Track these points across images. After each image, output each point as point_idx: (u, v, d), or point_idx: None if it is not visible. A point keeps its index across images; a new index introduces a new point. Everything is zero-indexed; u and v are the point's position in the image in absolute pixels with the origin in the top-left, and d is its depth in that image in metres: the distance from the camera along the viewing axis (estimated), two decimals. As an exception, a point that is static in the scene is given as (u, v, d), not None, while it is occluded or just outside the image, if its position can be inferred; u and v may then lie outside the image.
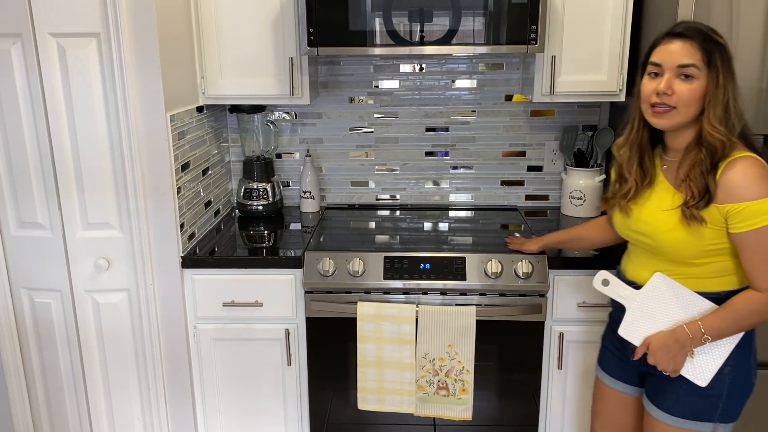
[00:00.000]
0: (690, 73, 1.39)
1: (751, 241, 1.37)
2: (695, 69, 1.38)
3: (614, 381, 1.72)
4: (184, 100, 2.11)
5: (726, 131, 1.38)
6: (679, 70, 1.40)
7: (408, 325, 1.98)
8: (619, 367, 1.70)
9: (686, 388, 1.51)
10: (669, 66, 1.41)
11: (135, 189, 1.94)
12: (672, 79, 1.41)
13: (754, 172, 1.36)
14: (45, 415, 2.18)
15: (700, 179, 1.40)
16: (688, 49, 1.39)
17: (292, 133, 2.64)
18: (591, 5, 2.09)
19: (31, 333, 2.11)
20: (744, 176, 1.36)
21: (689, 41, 1.39)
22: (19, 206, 1.99)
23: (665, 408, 1.54)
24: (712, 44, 1.39)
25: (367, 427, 2.17)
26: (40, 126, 1.90)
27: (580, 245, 1.98)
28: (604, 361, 1.75)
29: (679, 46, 1.40)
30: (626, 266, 1.66)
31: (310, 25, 2.01)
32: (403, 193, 2.69)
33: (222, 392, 2.20)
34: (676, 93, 1.40)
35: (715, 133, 1.38)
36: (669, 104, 1.41)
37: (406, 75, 2.56)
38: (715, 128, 1.38)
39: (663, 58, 1.42)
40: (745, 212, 1.36)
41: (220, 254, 2.12)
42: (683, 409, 1.51)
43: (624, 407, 1.72)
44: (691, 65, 1.38)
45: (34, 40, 1.83)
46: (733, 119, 1.39)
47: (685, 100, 1.40)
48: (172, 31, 1.99)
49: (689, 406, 1.51)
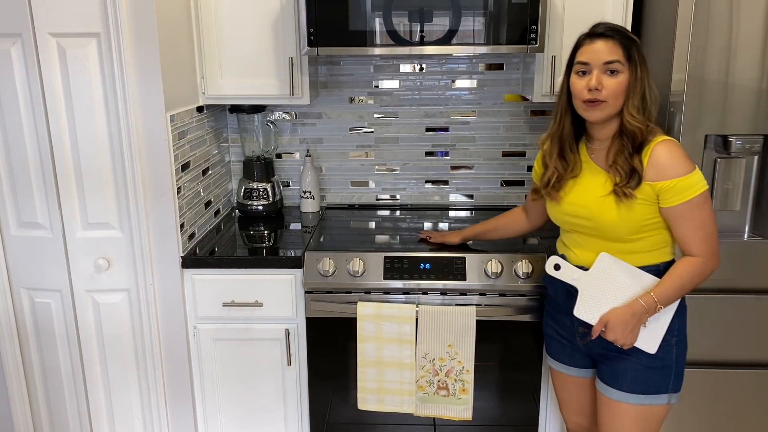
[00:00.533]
0: (615, 68, 1.53)
1: (684, 212, 1.53)
2: (619, 64, 1.53)
3: (567, 368, 1.81)
4: (184, 100, 2.11)
5: (643, 119, 1.54)
6: (606, 67, 1.54)
7: (408, 325, 1.98)
8: (567, 352, 1.79)
9: (642, 365, 1.60)
10: (596, 64, 1.54)
11: (135, 189, 1.94)
12: (600, 75, 1.54)
13: (677, 152, 1.54)
14: (45, 415, 2.18)
15: (625, 163, 1.55)
16: (611, 47, 1.54)
17: (292, 133, 2.64)
18: (591, 5, 2.10)
19: (31, 333, 2.10)
20: (670, 156, 1.52)
21: (611, 40, 1.54)
22: (19, 206, 1.99)
23: (625, 388, 1.63)
24: (629, 41, 1.54)
25: (367, 427, 2.17)
26: (40, 126, 1.90)
27: (499, 234, 2.06)
28: (553, 349, 1.85)
29: (603, 45, 1.54)
30: (566, 252, 1.74)
31: (310, 25, 2.01)
32: (403, 193, 2.69)
33: (222, 392, 2.20)
34: (606, 87, 1.53)
35: (634, 121, 1.54)
36: (599, 99, 1.54)
37: (406, 75, 2.56)
38: (633, 117, 1.54)
39: (590, 57, 1.55)
40: (676, 187, 1.51)
41: (220, 254, 2.12)
42: (642, 385, 1.61)
43: (583, 390, 1.81)
44: (616, 61, 1.53)
45: (34, 40, 1.83)
46: (650, 107, 1.56)
47: (614, 93, 1.54)
48: (172, 31, 1.99)
49: (647, 381, 1.61)
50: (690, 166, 1.53)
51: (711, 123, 1.88)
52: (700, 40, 1.82)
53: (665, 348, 1.60)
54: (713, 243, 1.56)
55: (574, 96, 1.60)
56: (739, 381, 2.03)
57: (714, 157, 1.96)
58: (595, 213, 1.60)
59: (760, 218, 2.02)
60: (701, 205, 1.53)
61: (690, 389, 1.70)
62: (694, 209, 1.52)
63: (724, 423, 2.08)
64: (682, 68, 1.84)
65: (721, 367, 2.03)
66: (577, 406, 1.85)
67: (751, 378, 2.03)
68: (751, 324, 1.99)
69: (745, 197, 2.01)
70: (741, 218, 2.04)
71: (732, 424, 2.08)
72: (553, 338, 1.82)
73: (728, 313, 1.98)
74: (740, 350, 2.01)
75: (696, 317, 1.64)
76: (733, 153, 1.92)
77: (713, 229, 1.56)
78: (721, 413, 2.07)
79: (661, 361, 1.59)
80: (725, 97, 1.86)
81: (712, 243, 1.56)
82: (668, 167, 1.51)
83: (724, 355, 2.02)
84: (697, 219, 1.53)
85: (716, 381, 2.03)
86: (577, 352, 1.76)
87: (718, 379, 2.03)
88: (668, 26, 1.88)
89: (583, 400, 1.83)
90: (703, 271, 1.56)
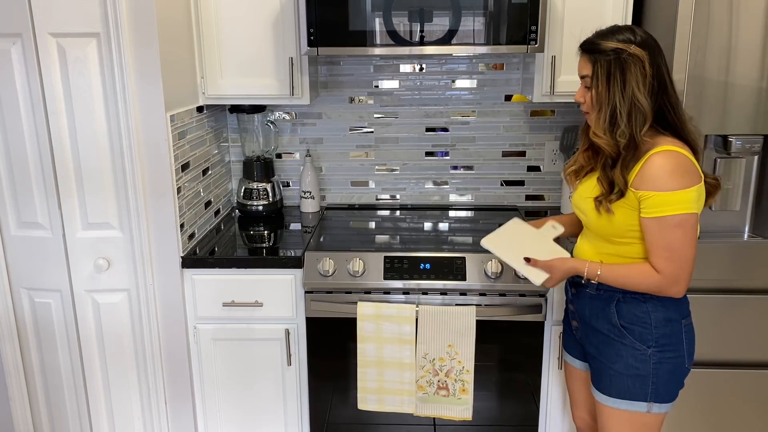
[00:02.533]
0: (587, 84, 1.54)
1: (653, 227, 1.47)
2: (588, 79, 1.53)
3: (571, 358, 1.84)
4: (184, 100, 2.11)
5: (609, 137, 1.49)
6: (583, 81, 1.56)
7: (408, 325, 1.98)
8: (571, 342, 1.82)
9: (614, 370, 1.60)
10: (579, 78, 1.57)
11: (135, 189, 1.94)
12: (582, 89, 1.57)
13: (670, 165, 1.45)
14: (45, 415, 2.18)
15: (604, 175, 1.54)
16: (583, 62, 1.54)
17: (292, 133, 2.64)
18: (591, 5, 2.10)
19: (31, 333, 2.11)
20: (659, 168, 1.45)
21: (585, 54, 1.54)
22: (19, 206, 1.99)
23: (602, 389, 1.64)
24: (597, 54, 1.49)
25: (367, 427, 2.17)
26: (40, 126, 1.90)
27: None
28: (564, 339, 1.88)
29: (580, 58, 1.56)
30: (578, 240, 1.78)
31: (310, 25, 2.01)
32: (403, 193, 2.69)
33: (222, 392, 2.20)
34: (586, 101, 1.56)
35: (597, 139, 1.52)
36: (585, 111, 1.58)
37: (406, 75, 2.56)
38: (596, 135, 1.52)
39: (577, 71, 1.58)
40: (653, 200, 1.45)
41: (220, 254, 2.12)
42: (617, 389, 1.60)
43: (585, 385, 1.81)
44: (586, 76, 1.53)
45: (34, 40, 1.83)
46: (623, 125, 1.47)
47: (591, 107, 1.54)
48: (172, 31, 1.99)
49: (621, 386, 1.59)
50: (679, 184, 1.44)
51: (711, 123, 1.88)
52: (700, 39, 1.82)
53: (640, 357, 1.56)
54: (679, 269, 1.47)
55: None
56: (739, 381, 2.03)
57: (714, 157, 1.96)
58: (586, 209, 1.62)
59: (760, 218, 2.02)
60: (674, 227, 1.44)
61: (690, 389, 1.70)
62: (664, 228, 1.45)
63: (724, 423, 2.08)
64: (682, 68, 1.85)
65: (721, 367, 2.03)
66: (581, 400, 1.86)
67: (751, 378, 2.03)
68: (751, 324, 1.99)
69: (745, 197, 2.02)
70: (741, 218, 2.04)
71: (732, 424, 2.08)
72: (565, 329, 1.85)
73: (728, 313, 1.98)
74: (740, 350, 2.01)
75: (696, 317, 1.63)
76: (733, 153, 1.93)
77: (685, 255, 1.46)
78: (721, 413, 2.07)
79: (635, 369, 1.56)
80: (725, 97, 1.86)
81: (677, 268, 1.47)
82: (653, 178, 1.45)
83: (724, 355, 2.02)
84: (664, 239, 1.46)
85: (716, 381, 2.03)
86: (578, 344, 1.78)
87: (718, 379, 2.03)
88: (668, 26, 1.88)
89: (586, 395, 1.83)
90: (656, 287, 1.50)
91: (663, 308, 1.56)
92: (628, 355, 1.57)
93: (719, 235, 2.02)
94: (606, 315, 1.60)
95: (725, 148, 1.92)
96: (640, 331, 1.56)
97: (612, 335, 1.60)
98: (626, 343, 1.57)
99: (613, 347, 1.60)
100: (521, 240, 1.76)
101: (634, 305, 1.57)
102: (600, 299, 1.62)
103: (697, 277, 1.80)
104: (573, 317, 1.75)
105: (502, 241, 1.78)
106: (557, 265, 1.65)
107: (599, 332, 1.63)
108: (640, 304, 1.56)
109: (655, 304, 1.56)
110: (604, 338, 1.62)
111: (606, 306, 1.60)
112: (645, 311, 1.56)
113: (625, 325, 1.58)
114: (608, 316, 1.60)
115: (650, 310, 1.56)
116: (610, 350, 1.60)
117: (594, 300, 1.64)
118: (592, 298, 1.64)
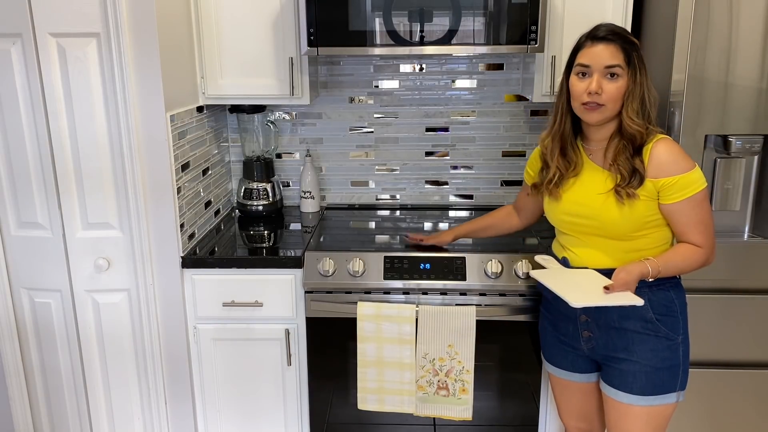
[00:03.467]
0: (616, 72, 1.54)
1: (686, 208, 1.55)
2: (620, 69, 1.53)
3: (570, 374, 1.80)
4: (184, 100, 2.11)
5: (642, 122, 1.55)
6: (606, 71, 1.54)
7: (408, 325, 1.98)
8: (570, 359, 1.77)
9: (650, 366, 1.60)
10: (597, 67, 1.54)
11: (135, 189, 1.94)
12: (600, 79, 1.54)
13: (676, 150, 1.56)
14: (45, 415, 2.18)
15: (626, 163, 1.56)
16: (612, 51, 1.53)
17: (292, 133, 2.64)
18: (591, 5, 2.10)
19: (31, 333, 2.10)
20: (670, 154, 1.54)
21: (612, 44, 1.54)
22: (19, 206, 1.99)
23: (635, 390, 1.62)
24: (629, 45, 1.54)
25: (367, 427, 2.17)
26: (40, 126, 1.90)
27: (490, 233, 2.07)
28: (553, 356, 1.83)
29: (604, 48, 1.54)
30: (565, 254, 1.73)
31: (310, 25, 2.01)
32: (403, 193, 2.69)
33: (222, 392, 2.20)
34: (605, 92, 1.54)
35: (633, 125, 1.55)
36: (599, 102, 1.55)
37: (406, 75, 2.56)
38: (633, 120, 1.55)
39: (591, 60, 1.55)
40: (678, 184, 1.53)
41: (220, 254, 2.12)
42: (652, 386, 1.60)
43: (587, 395, 1.80)
44: (616, 65, 1.53)
45: (34, 40, 1.83)
46: (649, 109, 1.56)
47: (613, 97, 1.54)
48: (172, 31, 1.99)
49: (657, 381, 1.60)
50: (690, 163, 1.55)
51: (711, 123, 1.88)
52: (700, 40, 1.82)
53: (672, 347, 1.60)
54: (712, 237, 1.59)
55: (573, 97, 1.60)
56: (739, 381, 2.03)
57: (714, 157, 1.96)
58: (596, 211, 1.60)
59: (760, 218, 2.02)
60: (701, 201, 1.55)
61: (690, 389, 1.70)
62: (696, 206, 1.54)
63: (724, 423, 2.08)
64: (682, 68, 1.85)
65: (721, 367, 2.03)
66: (580, 411, 1.84)
67: (751, 378, 2.03)
68: (751, 324, 1.99)
69: (745, 197, 2.01)
70: (741, 218, 2.04)
71: (732, 424, 2.08)
72: (555, 345, 1.80)
73: (728, 313, 1.98)
74: (740, 350, 2.01)
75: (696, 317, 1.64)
76: (733, 153, 1.92)
77: (712, 224, 1.59)
78: (721, 413, 2.07)
79: (669, 360, 1.60)
80: (725, 97, 1.86)
81: (712, 237, 1.59)
82: (670, 164, 1.53)
83: (724, 355, 2.02)
84: (698, 215, 1.55)
85: (716, 381, 2.03)
86: (581, 357, 1.75)
87: (718, 379, 2.03)
88: (668, 26, 1.88)
89: (587, 405, 1.82)
90: (703, 261, 1.59)
91: (679, 293, 1.63)
92: (662, 348, 1.60)
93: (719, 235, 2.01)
94: (638, 312, 1.59)
95: (725, 148, 1.92)
96: (671, 321, 1.60)
97: (646, 331, 1.60)
98: (660, 335, 1.60)
99: (647, 343, 1.60)
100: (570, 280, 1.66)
101: (662, 295, 1.60)
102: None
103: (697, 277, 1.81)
104: (585, 328, 1.69)
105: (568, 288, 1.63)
106: (629, 280, 1.56)
107: (630, 332, 1.61)
108: (665, 292, 1.60)
109: (677, 291, 1.62)
110: (637, 337, 1.61)
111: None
112: (671, 299, 1.61)
113: (658, 318, 1.59)
114: (641, 312, 1.59)
115: (675, 297, 1.61)
116: (643, 347, 1.60)
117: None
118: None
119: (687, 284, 1.68)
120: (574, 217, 1.66)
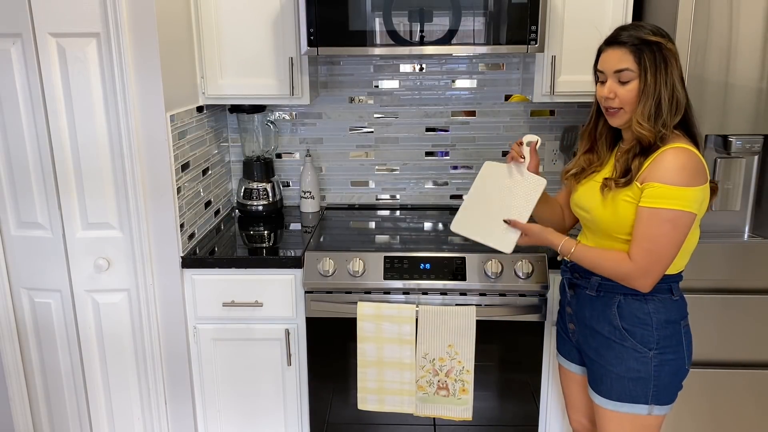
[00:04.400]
0: (625, 77, 1.50)
1: (644, 216, 1.47)
2: (630, 72, 1.49)
3: (567, 362, 1.83)
4: (184, 100, 2.11)
5: (651, 126, 1.49)
6: (616, 75, 1.52)
7: (408, 325, 1.98)
8: (567, 347, 1.82)
9: (615, 374, 1.59)
10: (608, 72, 1.53)
11: (135, 189, 1.94)
12: (613, 84, 1.52)
13: (680, 162, 1.46)
14: (45, 415, 2.18)
15: (624, 160, 1.54)
16: (619, 55, 1.50)
17: (292, 133, 2.64)
18: (591, 5, 2.09)
19: (31, 333, 2.11)
20: (669, 162, 1.46)
21: (621, 47, 1.50)
22: (19, 206, 1.99)
23: (603, 393, 1.63)
24: (643, 45, 1.48)
25: (367, 427, 2.17)
26: (40, 126, 1.90)
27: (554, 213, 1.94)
28: (558, 343, 1.88)
29: (613, 52, 1.52)
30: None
31: (310, 25, 2.01)
32: (403, 193, 2.69)
33: (222, 392, 2.20)
34: (618, 96, 1.52)
35: (640, 128, 1.50)
36: (615, 106, 1.53)
37: (406, 75, 2.56)
38: (640, 124, 1.50)
39: (603, 66, 1.55)
40: (654, 191, 1.46)
41: (220, 254, 2.12)
42: (618, 392, 1.60)
43: (582, 388, 1.81)
44: (625, 69, 1.50)
45: (34, 40, 1.83)
46: (665, 115, 1.48)
47: (627, 101, 1.51)
48: (172, 31, 1.99)
49: (622, 389, 1.59)
50: (685, 181, 1.44)
51: (711, 123, 1.88)
52: (700, 39, 1.82)
53: (641, 360, 1.55)
54: (654, 263, 1.48)
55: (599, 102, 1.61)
56: (739, 381, 2.03)
57: (714, 157, 1.96)
58: (590, 205, 1.62)
59: (760, 218, 2.02)
60: (664, 221, 1.44)
61: (690, 389, 1.70)
62: (654, 219, 1.45)
63: (724, 423, 2.08)
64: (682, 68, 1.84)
65: (721, 367, 2.03)
66: (579, 404, 1.86)
67: (751, 378, 2.03)
68: (751, 324, 1.99)
69: (745, 197, 2.01)
70: (741, 218, 2.04)
71: (732, 424, 2.08)
72: (559, 332, 1.85)
73: (728, 313, 1.98)
74: (740, 350, 2.01)
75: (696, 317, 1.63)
76: (733, 153, 1.92)
77: (665, 252, 1.47)
78: (721, 413, 2.07)
79: (636, 372, 1.56)
80: (725, 96, 1.86)
81: (653, 262, 1.48)
82: (661, 171, 1.45)
83: (724, 355, 2.02)
84: (650, 230, 1.46)
85: (716, 381, 2.03)
86: (575, 349, 1.78)
87: (718, 379, 2.03)
88: (668, 26, 1.88)
89: (587, 399, 1.82)
90: (625, 274, 1.51)
91: (664, 309, 1.56)
92: (629, 358, 1.57)
93: (719, 235, 2.02)
94: (607, 317, 1.60)
95: (725, 148, 1.92)
96: (642, 333, 1.56)
97: (613, 338, 1.59)
98: (627, 345, 1.57)
99: (614, 350, 1.59)
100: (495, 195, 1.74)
101: (636, 306, 1.56)
102: (600, 301, 1.61)
103: (697, 277, 1.81)
104: (570, 320, 1.74)
105: (473, 212, 1.76)
106: (536, 231, 1.67)
107: (599, 334, 1.62)
108: (641, 305, 1.56)
109: (657, 305, 1.55)
110: (605, 341, 1.61)
111: (607, 308, 1.60)
112: (647, 312, 1.55)
113: (626, 327, 1.57)
114: (609, 318, 1.59)
115: (652, 312, 1.55)
116: (610, 353, 1.60)
117: (594, 301, 1.63)
118: (593, 299, 1.63)
119: (687, 284, 1.65)
120: (580, 210, 1.68)
